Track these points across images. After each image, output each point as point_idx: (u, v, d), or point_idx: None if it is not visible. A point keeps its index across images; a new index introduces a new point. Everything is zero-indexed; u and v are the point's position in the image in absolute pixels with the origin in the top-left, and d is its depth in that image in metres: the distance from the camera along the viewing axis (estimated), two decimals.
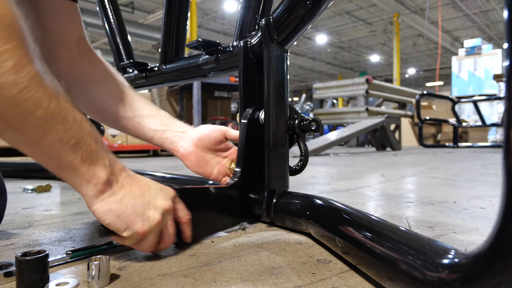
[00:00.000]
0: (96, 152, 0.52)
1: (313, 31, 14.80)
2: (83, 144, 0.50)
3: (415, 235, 0.46)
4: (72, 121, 0.48)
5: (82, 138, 0.50)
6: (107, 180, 0.52)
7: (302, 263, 0.56)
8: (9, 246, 0.67)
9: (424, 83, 22.86)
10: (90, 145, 0.51)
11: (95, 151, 0.51)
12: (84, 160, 0.50)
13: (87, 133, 0.51)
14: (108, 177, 0.52)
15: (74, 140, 0.49)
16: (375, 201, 1.14)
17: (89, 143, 0.51)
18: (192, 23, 8.80)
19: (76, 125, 0.49)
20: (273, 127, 0.77)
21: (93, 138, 0.52)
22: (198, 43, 0.93)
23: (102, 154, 0.53)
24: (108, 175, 0.52)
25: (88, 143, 0.50)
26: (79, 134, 0.49)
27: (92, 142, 0.51)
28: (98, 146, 0.52)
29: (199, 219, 0.71)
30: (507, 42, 0.30)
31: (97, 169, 0.51)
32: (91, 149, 0.51)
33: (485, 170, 2.14)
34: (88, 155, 0.50)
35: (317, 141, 4.30)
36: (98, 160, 0.52)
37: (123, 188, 0.54)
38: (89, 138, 0.51)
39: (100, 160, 0.52)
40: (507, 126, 0.29)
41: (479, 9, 12.23)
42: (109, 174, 0.53)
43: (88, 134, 0.51)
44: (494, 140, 6.30)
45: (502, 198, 0.30)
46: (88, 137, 0.51)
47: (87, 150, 0.50)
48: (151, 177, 1.26)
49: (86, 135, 0.50)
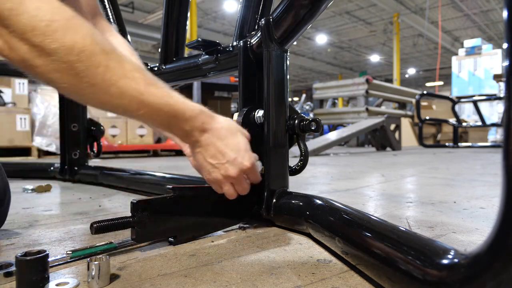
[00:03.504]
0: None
1: (313, 31, 14.79)
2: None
3: (415, 235, 0.46)
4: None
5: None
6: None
7: (302, 263, 0.56)
8: (9, 246, 0.67)
9: (424, 83, 22.85)
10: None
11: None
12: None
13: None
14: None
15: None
16: (375, 201, 1.14)
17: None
18: (192, 23, 8.80)
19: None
20: (273, 127, 0.77)
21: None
22: (198, 43, 0.93)
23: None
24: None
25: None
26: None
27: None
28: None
29: (199, 219, 0.71)
30: (507, 42, 0.30)
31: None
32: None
33: (485, 170, 2.14)
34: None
35: (317, 141, 4.30)
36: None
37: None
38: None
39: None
40: (507, 126, 0.29)
41: (479, 9, 12.22)
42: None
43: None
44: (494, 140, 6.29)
45: (502, 198, 0.30)
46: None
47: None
48: (151, 177, 1.26)
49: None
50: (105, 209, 1.02)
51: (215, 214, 0.74)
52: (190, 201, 0.70)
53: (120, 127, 4.35)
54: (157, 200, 0.64)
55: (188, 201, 0.69)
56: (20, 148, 4.05)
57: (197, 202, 0.71)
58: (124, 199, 1.18)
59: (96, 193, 1.33)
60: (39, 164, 1.95)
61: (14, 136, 3.97)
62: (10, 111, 3.98)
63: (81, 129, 1.62)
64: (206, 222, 0.73)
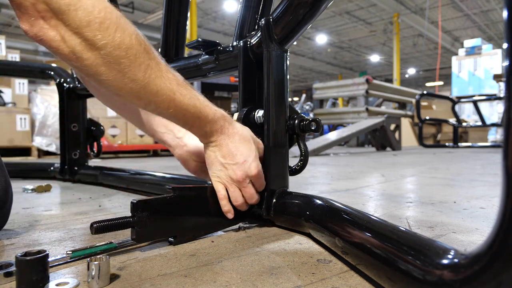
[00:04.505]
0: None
1: (313, 31, 14.79)
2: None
3: (415, 235, 0.46)
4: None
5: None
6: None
7: (302, 263, 0.56)
8: (9, 246, 0.67)
9: (424, 83, 22.85)
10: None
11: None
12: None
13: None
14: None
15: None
16: (375, 201, 1.14)
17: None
18: (192, 23, 8.80)
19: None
20: (273, 127, 0.77)
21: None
22: (198, 43, 0.93)
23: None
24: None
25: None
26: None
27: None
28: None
29: (199, 219, 0.71)
30: (507, 42, 0.30)
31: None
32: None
33: (485, 170, 2.14)
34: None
35: (317, 141, 4.30)
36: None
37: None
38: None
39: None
40: (507, 126, 0.29)
41: (479, 9, 12.22)
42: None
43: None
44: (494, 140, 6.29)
45: (502, 198, 0.30)
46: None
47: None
48: (151, 177, 1.26)
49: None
50: (105, 209, 1.02)
51: (215, 214, 0.74)
52: (190, 201, 0.70)
53: (120, 127, 4.35)
54: (157, 200, 0.64)
55: (188, 201, 0.69)
56: (20, 148, 4.05)
57: (197, 202, 0.71)
58: (124, 199, 1.18)
59: (96, 193, 1.33)
60: (39, 164, 1.95)
61: (14, 136, 3.97)
62: (10, 111, 3.98)
63: (81, 129, 1.62)
64: (206, 222, 0.73)
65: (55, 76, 1.66)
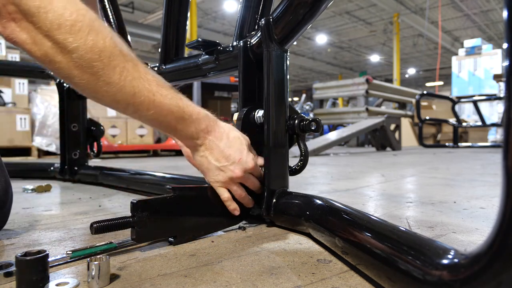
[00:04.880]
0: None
1: (313, 31, 14.78)
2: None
3: (415, 235, 0.46)
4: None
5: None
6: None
7: (302, 263, 0.56)
8: (9, 246, 0.67)
9: (424, 83, 22.84)
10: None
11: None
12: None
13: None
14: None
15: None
16: (375, 201, 1.14)
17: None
18: (192, 23, 8.80)
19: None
20: (273, 127, 0.77)
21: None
22: (198, 43, 0.93)
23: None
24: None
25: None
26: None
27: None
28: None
29: (199, 219, 0.71)
30: (507, 42, 0.30)
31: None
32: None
33: (485, 170, 2.14)
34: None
35: (317, 141, 4.30)
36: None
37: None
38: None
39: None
40: (507, 126, 0.29)
41: (479, 9, 12.22)
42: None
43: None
44: (494, 140, 6.28)
45: (502, 198, 0.30)
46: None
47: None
48: (151, 177, 1.26)
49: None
50: (105, 209, 1.02)
51: (215, 214, 0.74)
52: (190, 201, 0.70)
53: (120, 127, 4.35)
54: (157, 200, 0.64)
55: (188, 201, 0.69)
56: (20, 148, 4.05)
57: (197, 202, 0.71)
58: (124, 199, 1.18)
59: (96, 193, 1.33)
60: (39, 164, 1.95)
61: (14, 136, 3.97)
62: (10, 111, 3.98)
63: (81, 129, 1.62)
64: (206, 222, 0.73)
65: (55, 76, 1.66)
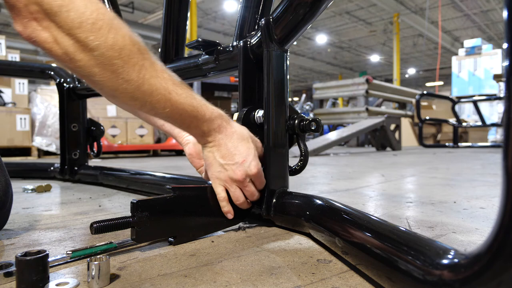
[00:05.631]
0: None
1: (313, 31, 14.78)
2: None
3: (415, 235, 0.46)
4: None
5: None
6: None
7: (302, 263, 0.56)
8: (9, 246, 0.67)
9: (424, 83, 22.84)
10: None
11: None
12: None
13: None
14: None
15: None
16: (375, 201, 1.14)
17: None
18: (192, 23, 8.79)
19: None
20: (273, 127, 0.77)
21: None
22: (198, 43, 0.93)
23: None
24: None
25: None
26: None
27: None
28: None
29: (199, 219, 0.71)
30: (507, 42, 0.30)
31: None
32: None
33: (485, 170, 2.14)
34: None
35: (317, 141, 4.30)
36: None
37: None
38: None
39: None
40: (507, 126, 0.29)
41: (479, 9, 12.22)
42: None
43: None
44: (494, 140, 6.28)
45: (502, 198, 0.30)
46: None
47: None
48: (151, 177, 1.26)
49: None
50: (105, 209, 1.02)
51: (215, 214, 0.74)
52: (190, 201, 0.70)
53: (120, 127, 4.35)
54: (157, 200, 0.64)
55: (188, 201, 0.69)
56: (20, 148, 4.05)
57: (197, 202, 0.71)
58: (124, 199, 1.18)
59: (96, 193, 1.33)
60: (39, 164, 1.95)
61: (14, 136, 3.97)
62: (10, 111, 3.98)
63: (81, 129, 1.62)
64: (206, 222, 0.73)
65: (55, 76, 1.66)
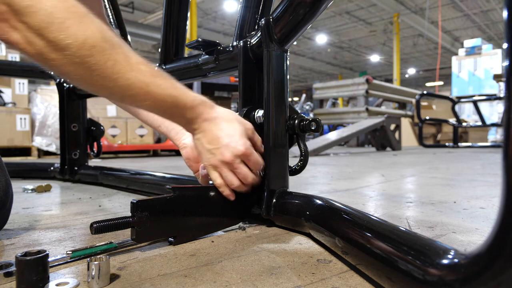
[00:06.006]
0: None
1: (313, 31, 14.79)
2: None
3: (415, 235, 0.46)
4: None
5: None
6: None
7: (302, 263, 0.56)
8: (9, 246, 0.67)
9: (424, 83, 22.84)
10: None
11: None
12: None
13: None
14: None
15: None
16: (375, 201, 1.14)
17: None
18: (192, 23, 8.80)
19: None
20: (273, 127, 0.77)
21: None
22: (198, 43, 0.93)
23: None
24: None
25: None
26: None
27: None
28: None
29: (199, 219, 0.71)
30: (507, 42, 0.30)
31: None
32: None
33: (485, 170, 2.14)
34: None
35: (317, 141, 4.30)
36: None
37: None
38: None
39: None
40: (507, 126, 0.29)
41: (479, 9, 12.22)
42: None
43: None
44: (494, 140, 6.28)
45: (502, 198, 0.30)
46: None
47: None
48: (151, 177, 1.26)
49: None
50: (105, 209, 1.02)
51: (215, 214, 0.74)
52: (190, 201, 0.70)
53: (120, 127, 4.35)
54: (157, 200, 0.64)
55: (188, 201, 0.69)
56: (20, 148, 4.05)
57: (197, 202, 0.71)
58: (124, 199, 1.18)
59: (96, 193, 1.33)
60: (39, 164, 1.95)
61: (14, 136, 3.97)
62: (10, 111, 3.98)
63: (81, 129, 1.62)
64: (206, 222, 0.73)
65: (55, 76, 1.66)
